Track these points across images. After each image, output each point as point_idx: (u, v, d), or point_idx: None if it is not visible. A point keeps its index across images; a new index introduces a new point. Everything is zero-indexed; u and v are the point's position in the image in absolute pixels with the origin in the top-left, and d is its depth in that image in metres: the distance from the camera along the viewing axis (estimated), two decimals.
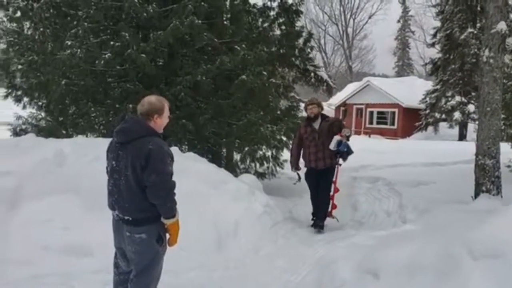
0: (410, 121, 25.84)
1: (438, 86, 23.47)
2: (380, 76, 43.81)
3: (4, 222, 4.25)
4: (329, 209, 6.01)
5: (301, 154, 6.13)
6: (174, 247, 3.07)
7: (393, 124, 27.72)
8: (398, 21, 50.13)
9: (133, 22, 7.33)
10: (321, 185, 5.91)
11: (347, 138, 5.82)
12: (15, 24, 9.37)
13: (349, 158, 6.05)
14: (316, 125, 5.96)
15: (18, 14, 8.64)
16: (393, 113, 27.59)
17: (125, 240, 2.99)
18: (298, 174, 6.24)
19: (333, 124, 5.97)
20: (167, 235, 3.00)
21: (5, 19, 9.40)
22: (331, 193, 6.01)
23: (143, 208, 2.89)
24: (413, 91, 26.71)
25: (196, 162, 5.86)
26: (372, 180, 9.09)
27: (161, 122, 3.04)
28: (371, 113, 29.12)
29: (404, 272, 3.06)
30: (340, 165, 6.11)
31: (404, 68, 50.85)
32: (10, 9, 9.05)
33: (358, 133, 28.28)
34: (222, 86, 7.86)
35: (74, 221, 4.33)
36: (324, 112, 6.22)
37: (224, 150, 9.10)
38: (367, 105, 29.11)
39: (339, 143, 5.74)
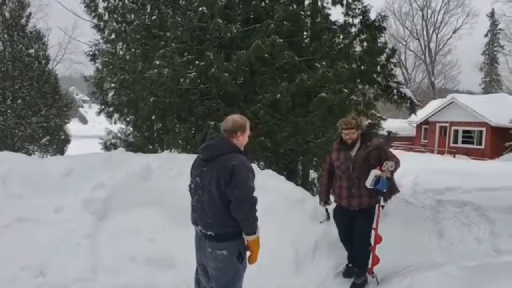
0: (499, 141, 24.14)
1: None
2: (465, 92, 41.63)
3: (95, 231, 4.51)
4: (369, 264, 4.55)
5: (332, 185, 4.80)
6: (254, 265, 3.07)
7: (480, 143, 25.95)
8: (486, 35, 47.35)
9: (216, 42, 7.59)
10: (356, 233, 4.52)
11: (391, 173, 4.44)
12: (109, 46, 10.14)
13: (433, 180, 5.49)
14: (353, 151, 4.53)
15: (113, 36, 9.37)
16: (480, 132, 25.83)
17: (207, 256, 3.04)
18: (326, 210, 4.98)
19: (371, 153, 4.47)
20: (248, 253, 3.03)
21: (101, 41, 10.21)
22: (371, 244, 4.53)
23: (225, 223, 2.94)
24: (502, 109, 24.83)
25: (274, 180, 5.85)
26: (460, 204, 8.47)
27: (243, 140, 3.13)
28: (456, 131, 27.50)
29: None
30: (383, 206, 4.61)
31: (492, 84, 47.76)
32: (106, 32, 9.86)
33: (441, 152, 27.02)
34: (301, 103, 7.86)
35: (159, 233, 4.48)
36: (370, 131, 5.05)
37: (300, 168, 9.04)
38: (452, 123, 27.55)
39: (378, 180, 4.32)
